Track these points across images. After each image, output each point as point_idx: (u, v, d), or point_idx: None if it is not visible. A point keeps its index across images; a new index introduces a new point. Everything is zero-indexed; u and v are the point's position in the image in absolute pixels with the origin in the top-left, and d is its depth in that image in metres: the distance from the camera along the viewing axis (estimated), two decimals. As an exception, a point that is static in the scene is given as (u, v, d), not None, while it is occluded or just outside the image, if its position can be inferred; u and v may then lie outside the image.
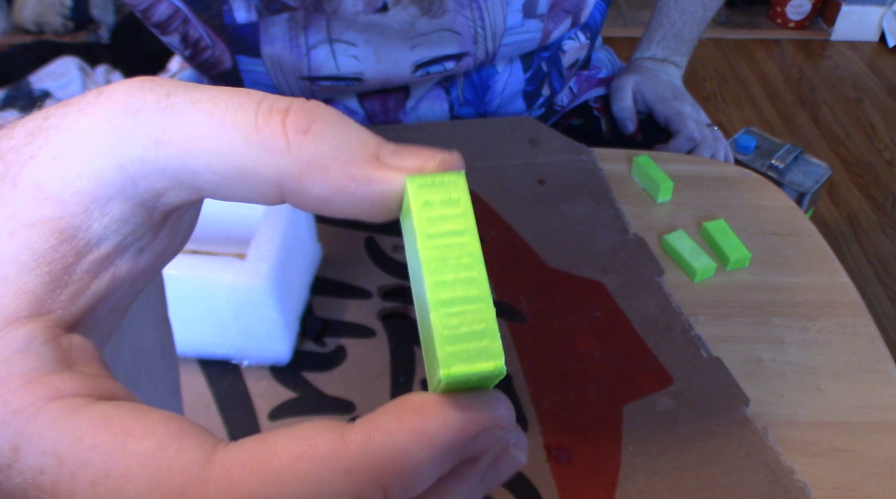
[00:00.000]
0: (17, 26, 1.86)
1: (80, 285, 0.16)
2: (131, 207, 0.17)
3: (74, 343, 0.16)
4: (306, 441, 0.14)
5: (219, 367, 0.49)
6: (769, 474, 0.44)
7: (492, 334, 0.15)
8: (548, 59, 0.78)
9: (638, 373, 0.49)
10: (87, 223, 0.16)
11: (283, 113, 0.16)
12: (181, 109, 0.16)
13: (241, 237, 0.49)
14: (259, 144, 0.16)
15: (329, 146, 0.16)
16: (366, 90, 0.73)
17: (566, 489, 0.43)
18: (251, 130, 0.16)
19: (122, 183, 0.16)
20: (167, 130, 0.16)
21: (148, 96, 0.16)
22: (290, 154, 0.16)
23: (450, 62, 0.70)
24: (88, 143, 0.16)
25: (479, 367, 0.15)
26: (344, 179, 0.16)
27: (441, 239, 0.16)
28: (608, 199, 0.62)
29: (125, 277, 0.17)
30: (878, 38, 2.37)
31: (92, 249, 0.16)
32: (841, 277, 0.57)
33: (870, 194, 1.79)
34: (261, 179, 0.16)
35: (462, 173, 0.17)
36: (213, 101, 0.16)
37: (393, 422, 0.14)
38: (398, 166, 0.16)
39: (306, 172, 0.16)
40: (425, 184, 0.16)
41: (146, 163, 0.16)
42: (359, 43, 0.68)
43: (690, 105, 0.83)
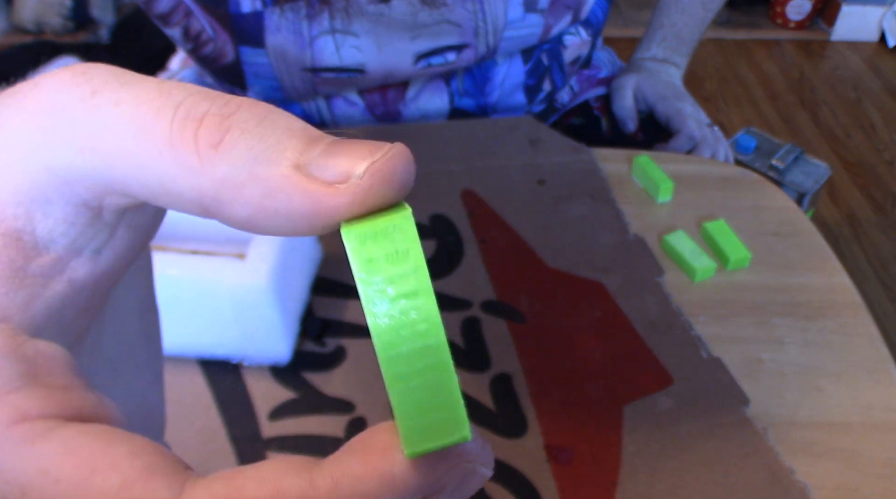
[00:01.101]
0: (17, 26, 1.86)
1: (35, 289, 0.15)
2: (74, 209, 0.16)
3: (40, 350, 0.15)
4: (274, 486, 0.14)
5: (219, 367, 0.49)
6: (769, 474, 0.44)
7: (454, 404, 0.14)
8: (548, 53, 0.78)
9: (638, 373, 0.49)
10: (30, 226, 0.15)
11: (197, 122, 0.14)
12: (104, 112, 0.15)
13: (241, 237, 0.49)
14: (174, 160, 0.14)
15: (242, 160, 0.14)
16: (367, 86, 0.73)
17: (566, 489, 0.43)
18: (166, 143, 0.14)
19: (57, 186, 0.15)
20: (90, 135, 0.15)
21: (73, 93, 0.15)
22: (203, 173, 0.14)
23: (451, 53, 0.70)
24: (17, 142, 0.15)
25: (443, 441, 0.14)
26: (261, 198, 0.14)
27: (391, 305, 0.14)
28: (608, 199, 0.62)
29: (85, 279, 0.16)
30: (878, 38, 2.37)
31: (41, 251, 0.15)
32: (841, 277, 0.57)
33: (870, 194, 1.79)
34: (182, 198, 0.15)
35: (407, 213, 0.14)
36: (135, 103, 0.15)
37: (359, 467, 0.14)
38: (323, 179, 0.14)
39: (222, 192, 0.14)
40: (365, 236, 0.14)
41: (74, 169, 0.15)
42: (361, 34, 0.68)
43: (691, 105, 0.83)
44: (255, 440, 0.45)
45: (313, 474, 0.14)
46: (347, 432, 0.46)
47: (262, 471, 0.14)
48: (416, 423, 0.14)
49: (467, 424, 0.14)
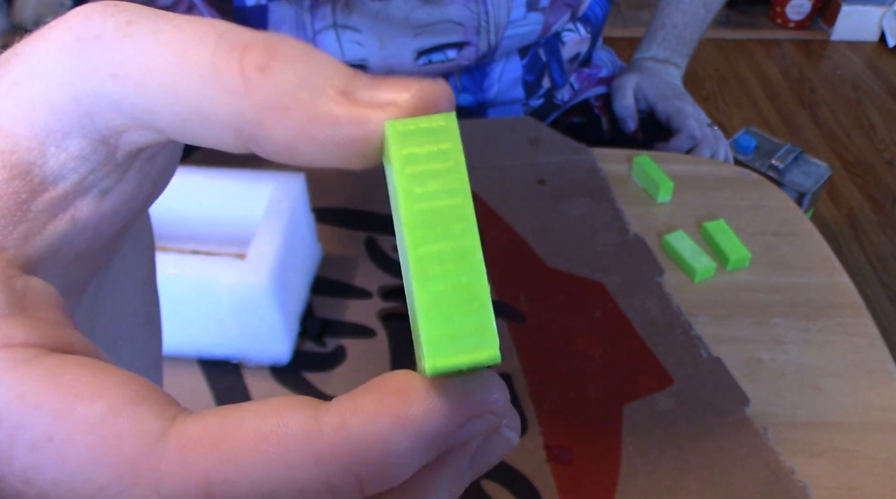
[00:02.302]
0: (17, 26, 1.86)
1: (36, 225, 0.15)
2: (91, 144, 0.15)
3: (31, 285, 0.14)
4: (275, 420, 0.13)
5: (219, 367, 0.49)
6: (769, 474, 0.44)
7: (485, 316, 0.13)
8: (546, 49, 0.78)
9: (638, 373, 0.49)
10: (41, 159, 0.15)
11: (242, 48, 0.14)
12: (141, 39, 0.14)
13: (241, 237, 0.49)
14: (216, 83, 0.14)
15: (289, 84, 0.14)
16: None
17: (566, 489, 0.43)
18: (208, 66, 0.14)
19: (78, 117, 0.15)
20: (125, 62, 0.14)
21: (108, 23, 0.15)
22: (247, 95, 0.14)
23: (451, 50, 0.71)
24: (43, 72, 0.15)
25: (471, 357, 0.13)
26: (306, 122, 0.14)
27: (428, 201, 0.13)
28: (608, 199, 0.62)
29: (87, 219, 0.16)
30: (878, 38, 2.37)
31: (48, 186, 0.15)
32: (841, 277, 0.57)
33: (870, 194, 1.79)
34: (219, 123, 0.14)
35: (452, 116, 0.14)
36: (174, 31, 0.14)
37: (372, 404, 0.13)
38: (369, 102, 0.14)
39: (265, 116, 0.14)
40: (409, 132, 0.14)
41: (102, 97, 0.15)
42: (363, 29, 0.68)
43: (691, 104, 0.83)
44: (255, 440, 0.45)
45: (319, 410, 0.13)
46: (347, 432, 0.46)
47: (265, 405, 0.13)
48: (443, 331, 0.13)
49: (497, 342, 0.13)
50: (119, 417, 0.12)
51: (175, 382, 0.48)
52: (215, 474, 0.12)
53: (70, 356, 0.13)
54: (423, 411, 0.13)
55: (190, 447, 0.12)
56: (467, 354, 0.13)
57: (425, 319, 0.13)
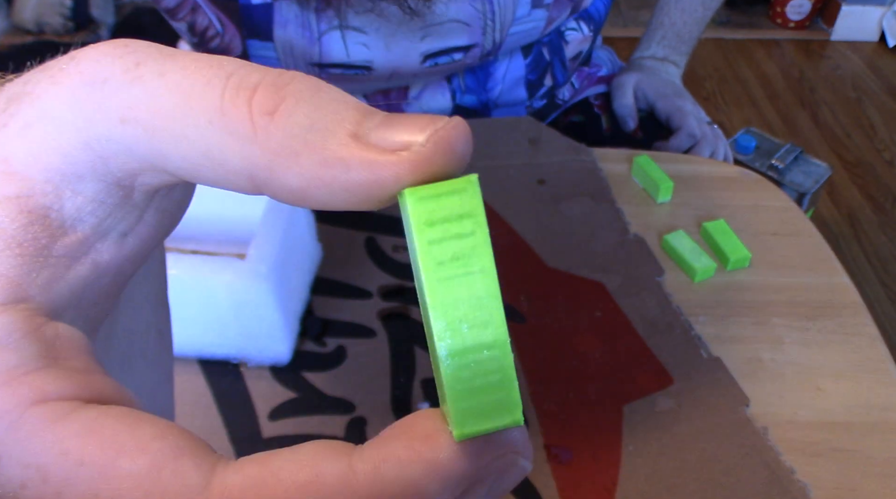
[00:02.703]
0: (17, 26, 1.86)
1: (58, 270, 0.15)
2: (106, 187, 0.15)
3: (60, 333, 0.14)
4: (312, 470, 0.13)
5: (219, 367, 0.49)
6: (769, 474, 0.44)
7: (509, 385, 0.13)
8: (549, 48, 0.78)
9: (638, 373, 0.49)
10: (58, 203, 0.15)
11: (250, 91, 0.14)
12: (149, 82, 0.14)
13: (241, 237, 0.49)
14: (224, 128, 0.14)
15: (299, 128, 0.14)
16: (373, 84, 0.73)
17: (566, 489, 0.43)
18: (216, 111, 0.14)
19: (91, 161, 0.15)
20: (133, 106, 0.14)
21: (116, 65, 0.14)
22: (256, 141, 0.14)
23: (458, 53, 0.71)
24: (54, 116, 0.14)
25: (495, 424, 0.13)
26: (317, 167, 0.14)
27: (450, 269, 0.13)
28: (608, 199, 0.62)
29: (109, 263, 0.16)
30: (878, 38, 2.37)
31: (67, 231, 0.15)
32: (841, 277, 0.57)
33: (870, 194, 1.79)
34: (230, 169, 0.14)
35: (474, 179, 0.14)
36: (182, 73, 0.14)
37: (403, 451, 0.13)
38: (383, 146, 0.14)
39: (276, 162, 0.14)
40: (427, 196, 0.13)
41: (113, 142, 0.14)
42: (369, 31, 0.68)
43: (690, 103, 0.83)
44: (255, 440, 0.45)
45: (353, 458, 0.13)
46: (347, 432, 0.46)
47: (299, 454, 0.13)
48: (469, 403, 0.13)
49: (521, 408, 0.13)
50: (162, 472, 0.13)
51: (175, 382, 0.48)
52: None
53: (106, 408, 0.13)
54: (452, 456, 0.13)
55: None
56: (492, 422, 0.13)
57: (451, 391, 0.13)
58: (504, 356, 0.13)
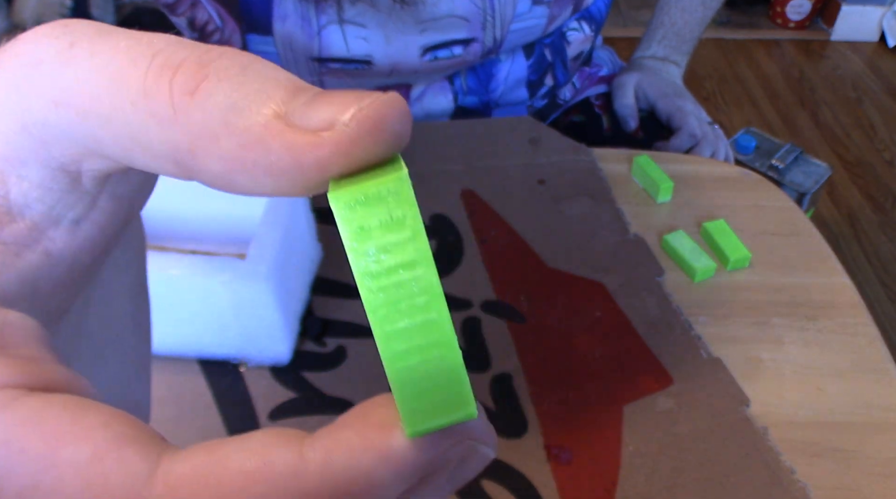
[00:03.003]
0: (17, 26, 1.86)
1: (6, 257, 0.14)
2: (51, 173, 0.15)
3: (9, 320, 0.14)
4: (260, 458, 0.12)
5: (219, 367, 0.49)
6: (769, 474, 0.44)
7: (458, 382, 0.13)
8: (551, 48, 0.78)
9: (638, 373, 0.49)
10: (3, 189, 0.14)
11: (172, 70, 0.13)
12: (80, 63, 0.14)
13: (241, 237, 0.49)
14: (146, 109, 0.13)
15: (220, 108, 0.13)
16: (373, 79, 0.73)
17: (566, 489, 0.43)
18: (139, 92, 0.13)
19: (32, 146, 0.14)
20: (66, 88, 0.14)
21: (51, 46, 0.14)
22: (177, 122, 0.13)
23: (458, 47, 0.71)
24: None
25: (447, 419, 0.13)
26: (237, 150, 0.13)
27: (387, 277, 0.13)
28: (608, 199, 0.62)
29: (63, 251, 0.15)
30: (878, 38, 2.37)
31: (15, 217, 0.14)
32: (841, 277, 0.57)
33: (870, 194, 1.79)
34: (156, 153, 0.13)
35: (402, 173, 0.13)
36: (111, 53, 0.13)
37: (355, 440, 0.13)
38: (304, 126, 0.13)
39: (196, 144, 0.13)
40: (356, 202, 0.12)
41: (49, 127, 0.14)
42: (369, 24, 0.68)
43: (691, 103, 0.83)
44: (255, 440, 0.45)
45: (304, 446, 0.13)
46: (347, 432, 0.46)
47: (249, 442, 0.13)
48: (418, 403, 0.13)
49: (473, 401, 0.13)
50: (105, 460, 0.12)
51: (175, 382, 0.48)
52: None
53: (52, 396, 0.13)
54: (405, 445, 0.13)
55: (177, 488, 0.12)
56: (443, 418, 0.13)
57: (399, 394, 0.13)
58: (451, 354, 0.13)
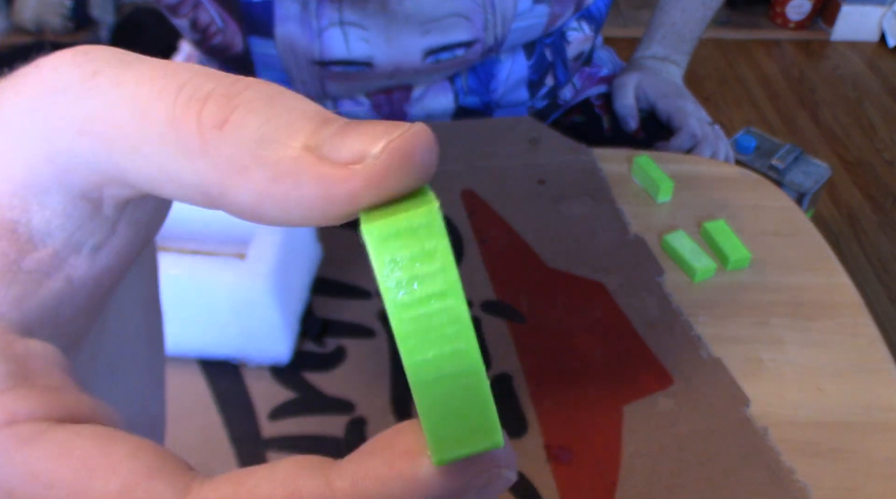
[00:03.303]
0: (17, 26, 1.86)
1: (29, 286, 0.14)
2: (73, 200, 0.15)
3: (31, 350, 0.14)
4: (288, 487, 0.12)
5: (219, 367, 0.49)
6: (769, 474, 0.44)
7: (485, 411, 0.13)
8: (552, 48, 0.78)
9: (638, 373, 0.49)
10: (25, 217, 0.14)
11: (201, 102, 0.13)
12: (105, 93, 0.14)
13: (241, 237, 0.49)
14: (175, 142, 0.13)
15: (249, 141, 0.13)
16: (375, 80, 0.73)
17: (566, 489, 0.43)
18: (168, 124, 0.13)
19: (55, 174, 0.14)
20: (90, 118, 0.14)
21: (74, 74, 0.14)
22: (206, 155, 0.13)
23: (460, 49, 0.71)
24: (16, 127, 0.14)
25: (474, 448, 0.13)
26: (268, 183, 0.13)
27: (418, 307, 0.13)
28: (608, 199, 0.62)
29: (84, 277, 0.15)
30: (878, 38, 2.37)
31: (36, 245, 0.14)
32: (841, 277, 0.57)
33: (870, 194, 1.79)
34: (184, 184, 0.14)
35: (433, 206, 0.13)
36: (137, 82, 0.14)
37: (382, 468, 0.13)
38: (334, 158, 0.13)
39: (226, 177, 0.13)
40: (389, 235, 0.13)
41: (73, 155, 0.14)
42: (370, 27, 0.68)
43: (692, 103, 0.83)
44: (255, 440, 0.45)
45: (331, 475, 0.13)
46: (347, 432, 0.46)
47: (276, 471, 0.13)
48: (445, 431, 0.13)
49: (500, 430, 0.13)
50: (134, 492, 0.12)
51: (175, 382, 0.48)
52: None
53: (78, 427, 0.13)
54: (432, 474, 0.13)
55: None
56: (470, 447, 0.13)
57: (427, 421, 0.13)
58: (479, 382, 0.13)
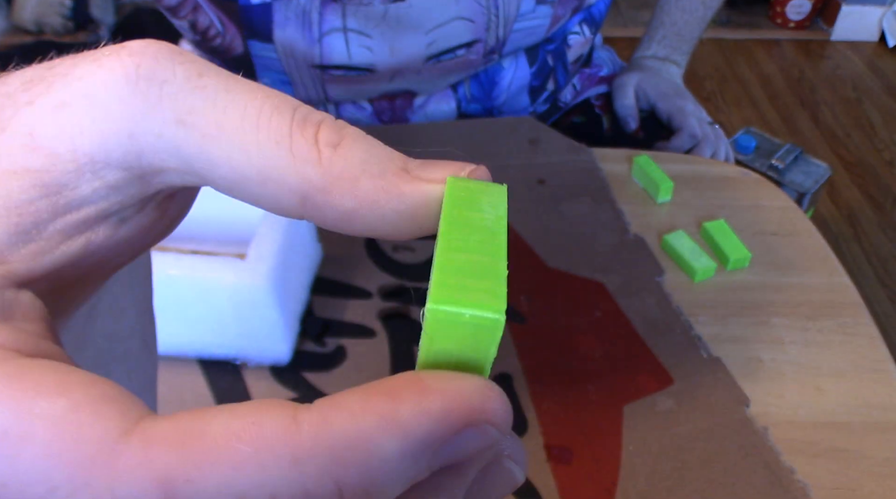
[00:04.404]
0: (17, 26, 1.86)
1: (48, 244, 0.15)
2: (128, 178, 0.15)
3: (20, 298, 0.14)
4: (249, 419, 0.12)
5: (219, 367, 0.49)
6: (769, 474, 0.44)
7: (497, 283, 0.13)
8: (553, 54, 0.78)
9: (638, 373, 0.49)
10: (75, 183, 0.15)
11: (316, 125, 0.16)
12: (214, 95, 0.15)
13: (241, 237, 0.49)
14: (290, 151, 0.15)
15: (359, 160, 0.16)
16: (377, 91, 0.73)
17: (566, 489, 0.43)
18: (285, 135, 0.15)
19: (126, 152, 0.15)
20: (193, 111, 0.15)
21: (178, 70, 0.15)
22: (320, 166, 0.15)
23: (461, 49, 0.70)
24: (100, 100, 0.15)
25: (474, 311, 0.12)
26: (375, 192, 0.16)
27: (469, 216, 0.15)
28: (608, 199, 0.62)
29: (100, 244, 0.16)
30: (878, 38, 2.37)
31: (72, 210, 0.15)
32: (841, 277, 0.57)
33: (870, 194, 1.79)
34: (284, 188, 0.16)
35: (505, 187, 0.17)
36: (249, 95, 0.16)
37: (357, 403, 0.12)
38: (429, 178, 0.16)
39: (335, 185, 0.15)
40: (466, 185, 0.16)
41: (162, 140, 0.15)
42: (374, 35, 0.67)
43: (692, 103, 0.83)
44: (255, 440, 0.45)
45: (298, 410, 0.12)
46: (347, 432, 0.46)
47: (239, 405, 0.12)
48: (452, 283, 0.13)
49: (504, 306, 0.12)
50: (80, 413, 0.12)
51: (175, 382, 0.48)
52: (177, 473, 0.11)
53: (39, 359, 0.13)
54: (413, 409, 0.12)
55: (152, 446, 0.12)
56: (471, 307, 0.12)
57: (438, 274, 0.13)
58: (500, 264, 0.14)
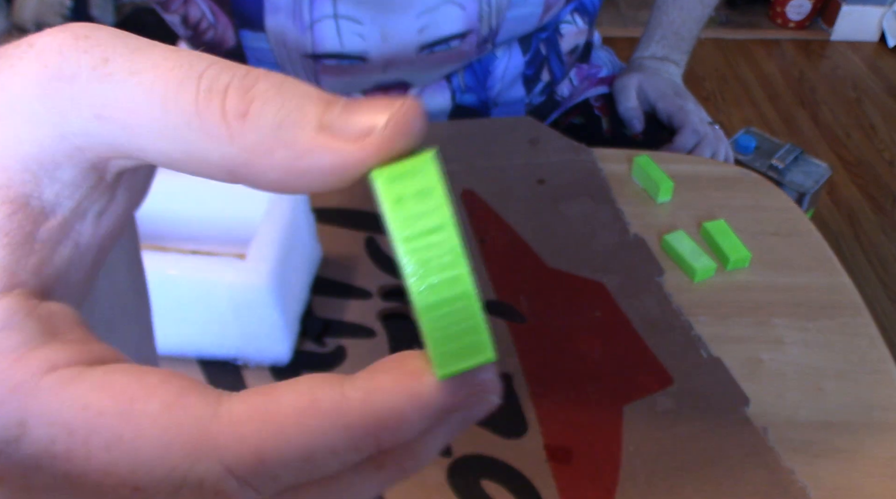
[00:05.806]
0: (17, 26, 1.86)
1: (45, 253, 0.16)
2: (81, 172, 0.16)
3: (53, 311, 0.15)
4: (308, 396, 0.15)
5: (219, 367, 0.49)
6: (769, 474, 0.44)
7: (479, 329, 0.16)
8: (546, 42, 0.78)
9: (638, 373, 0.49)
10: (37, 191, 0.15)
11: (221, 95, 0.15)
12: (120, 81, 0.15)
13: (241, 237, 0.49)
14: (202, 130, 0.15)
15: (270, 127, 0.15)
16: (370, 83, 0.73)
17: (566, 489, 0.43)
18: (192, 114, 0.15)
19: (67, 151, 0.15)
20: (106, 103, 0.15)
21: (82, 60, 0.15)
22: (233, 141, 0.15)
23: (454, 41, 0.70)
24: (24, 107, 0.15)
25: (471, 362, 0.16)
26: (292, 160, 0.15)
27: (419, 240, 0.15)
28: (608, 199, 0.62)
29: (89, 242, 0.17)
30: (878, 38, 2.37)
31: (48, 216, 0.16)
32: (841, 277, 0.57)
33: (870, 194, 1.79)
34: (210, 165, 0.16)
35: (431, 155, 0.16)
36: (154, 72, 0.15)
37: (391, 383, 0.15)
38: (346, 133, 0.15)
39: (252, 159, 0.15)
40: (394, 176, 0.15)
41: (89, 135, 0.15)
42: (365, 21, 0.67)
43: (692, 103, 0.83)
44: (255, 440, 0.45)
45: (345, 386, 0.15)
46: (347, 432, 0.46)
47: (297, 384, 0.15)
48: (447, 348, 0.15)
49: (492, 346, 0.16)
50: (173, 408, 0.14)
51: (175, 382, 0.48)
52: (266, 443, 0.14)
53: (110, 366, 0.15)
54: (433, 390, 0.15)
55: (240, 426, 0.14)
56: (468, 361, 0.16)
57: (431, 340, 0.16)
58: (472, 305, 0.15)
